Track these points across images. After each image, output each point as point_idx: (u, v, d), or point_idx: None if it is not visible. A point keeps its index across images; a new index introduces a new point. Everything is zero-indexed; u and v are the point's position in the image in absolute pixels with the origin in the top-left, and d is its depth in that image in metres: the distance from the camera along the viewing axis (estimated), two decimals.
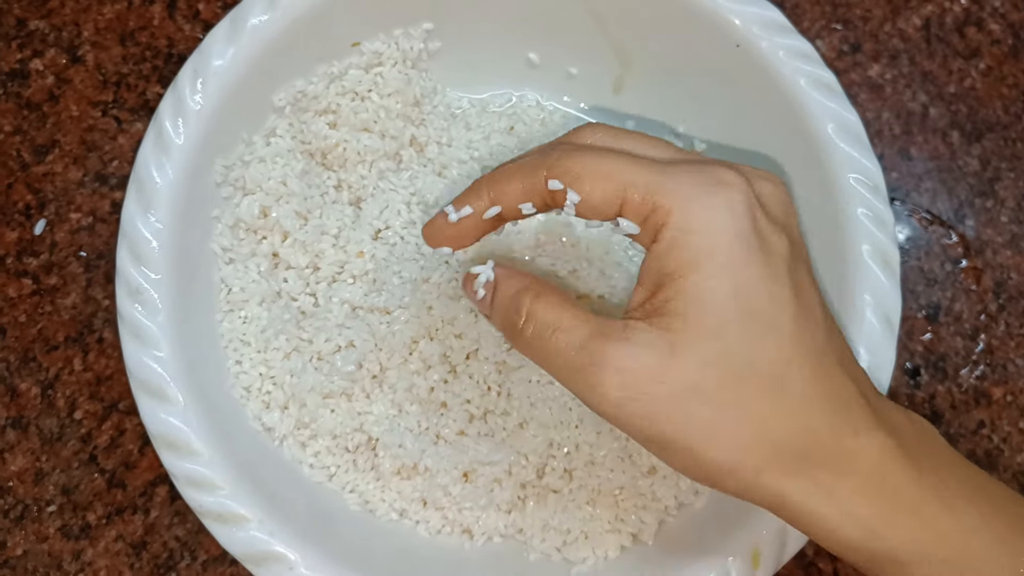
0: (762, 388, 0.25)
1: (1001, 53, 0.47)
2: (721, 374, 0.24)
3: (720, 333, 0.24)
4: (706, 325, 0.24)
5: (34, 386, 0.41)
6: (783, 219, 0.27)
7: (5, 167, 0.43)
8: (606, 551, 0.35)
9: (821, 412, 0.25)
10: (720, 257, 0.25)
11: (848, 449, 0.25)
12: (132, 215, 0.33)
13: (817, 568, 0.40)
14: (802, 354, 0.25)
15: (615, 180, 0.26)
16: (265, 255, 0.37)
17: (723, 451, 0.25)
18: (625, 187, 0.26)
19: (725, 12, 0.35)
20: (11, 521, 0.39)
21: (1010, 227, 0.44)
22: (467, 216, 0.29)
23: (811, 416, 0.25)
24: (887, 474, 0.25)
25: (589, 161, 0.26)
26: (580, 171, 0.26)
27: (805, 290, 0.26)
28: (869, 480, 0.25)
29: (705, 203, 0.25)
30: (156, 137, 0.34)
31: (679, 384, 0.24)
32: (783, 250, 0.26)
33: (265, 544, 0.31)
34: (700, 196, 0.25)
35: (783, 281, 0.25)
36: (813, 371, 0.25)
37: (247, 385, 0.35)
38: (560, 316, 0.26)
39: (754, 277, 0.25)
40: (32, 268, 0.42)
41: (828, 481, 0.25)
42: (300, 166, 0.37)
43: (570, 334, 0.26)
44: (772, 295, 0.25)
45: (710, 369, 0.24)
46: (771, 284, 0.25)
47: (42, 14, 0.45)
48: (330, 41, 0.37)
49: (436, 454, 0.35)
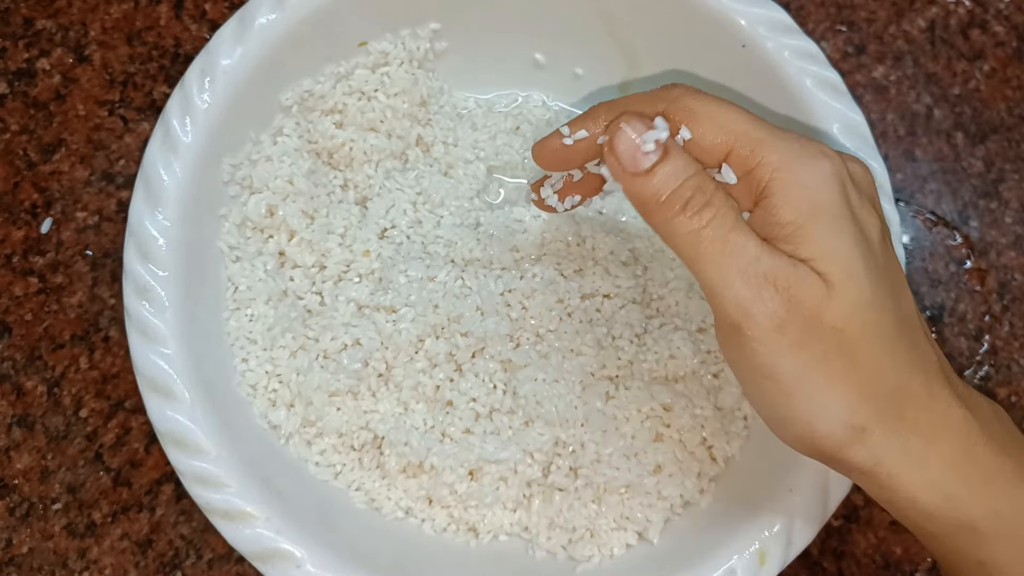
0: (876, 342, 0.25)
1: (1005, 55, 0.47)
2: (860, 322, 0.25)
3: (856, 283, 0.25)
4: (845, 272, 0.25)
5: (40, 384, 0.41)
6: (871, 198, 0.28)
7: (12, 166, 0.43)
8: (612, 549, 0.35)
9: (919, 375, 0.26)
10: (833, 212, 0.26)
11: (940, 415, 0.26)
12: (140, 213, 0.33)
13: (822, 567, 0.40)
14: (907, 317, 0.26)
15: (728, 129, 0.27)
16: (272, 253, 0.37)
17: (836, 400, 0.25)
18: (736, 137, 0.26)
19: (731, 13, 0.36)
20: (17, 519, 0.39)
21: (1014, 228, 0.44)
22: (581, 139, 0.29)
23: (912, 377, 0.26)
24: (972, 446, 0.26)
25: (709, 104, 0.27)
26: (699, 111, 0.27)
27: (896, 263, 0.28)
28: (957, 449, 0.26)
29: (810, 166, 0.26)
30: (164, 136, 0.34)
31: (830, 323, 0.25)
32: (876, 223, 0.27)
33: (271, 541, 0.31)
34: (806, 159, 0.26)
35: (887, 248, 0.27)
36: (913, 335, 0.26)
37: (253, 383, 0.35)
38: (737, 217, 0.26)
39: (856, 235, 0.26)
40: (38, 267, 0.42)
41: (919, 447, 0.26)
42: (307, 165, 0.37)
43: (747, 240, 0.25)
44: (887, 257, 0.27)
45: (854, 315, 0.25)
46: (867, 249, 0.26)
47: (49, 13, 0.45)
48: (337, 40, 0.37)
49: (442, 452, 0.35)
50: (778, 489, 0.32)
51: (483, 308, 0.37)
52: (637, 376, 0.37)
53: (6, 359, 0.41)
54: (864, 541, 0.40)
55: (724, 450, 0.36)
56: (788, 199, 0.26)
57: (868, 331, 0.25)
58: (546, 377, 0.35)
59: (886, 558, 0.40)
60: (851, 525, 0.40)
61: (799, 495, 0.32)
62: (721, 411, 0.36)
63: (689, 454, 0.35)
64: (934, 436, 0.26)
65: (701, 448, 0.36)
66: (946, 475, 0.26)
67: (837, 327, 0.25)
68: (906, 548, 0.40)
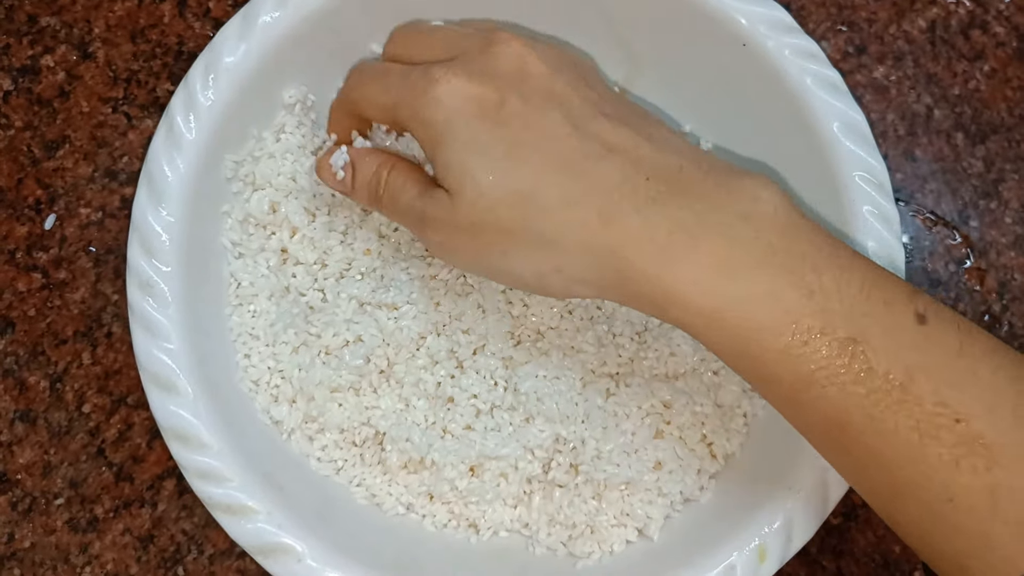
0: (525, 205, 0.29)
1: (1006, 55, 0.47)
2: (486, 206, 0.29)
3: (470, 179, 0.29)
4: (460, 178, 0.30)
5: (43, 380, 0.41)
6: (505, 71, 0.31)
7: (16, 162, 0.43)
8: (612, 545, 0.35)
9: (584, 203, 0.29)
10: (448, 135, 0.30)
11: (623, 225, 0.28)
12: (143, 209, 0.33)
13: (821, 565, 0.40)
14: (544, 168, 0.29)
15: (376, 106, 0.33)
16: (274, 250, 0.37)
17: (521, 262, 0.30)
18: (382, 111, 0.33)
19: (732, 11, 0.36)
20: (19, 514, 0.39)
21: (1014, 228, 0.45)
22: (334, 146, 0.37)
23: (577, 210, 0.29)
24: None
25: (356, 90, 0.35)
26: (356, 100, 0.34)
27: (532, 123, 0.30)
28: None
29: (422, 104, 0.31)
30: (167, 132, 0.34)
31: (464, 223, 0.30)
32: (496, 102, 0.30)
33: (273, 536, 0.31)
34: (419, 100, 0.31)
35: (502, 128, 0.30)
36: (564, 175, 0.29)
37: (256, 379, 0.35)
38: (406, 180, 0.33)
39: (477, 135, 0.30)
40: (42, 263, 0.42)
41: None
42: (309, 163, 0.37)
43: (409, 194, 0.32)
44: (497, 139, 0.30)
45: (477, 204, 0.29)
46: (491, 135, 0.30)
47: (53, 10, 0.46)
48: (340, 38, 0.38)
49: (443, 448, 0.35)
50: (778, 486, 0.33)
51: (484, 306, 0.37)
52: (637, 373, 0.37)
53: (9, 354, 0.41)
54: (863, 539, 0.41)
55: (724, 447, 0.36)
56: (422, 141, 0.31)
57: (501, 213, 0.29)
58: (547, 374, 0.36)
59: (885, 556, 0.40)
60: (850, 523, 0.41)
61: (799, 492, 0.32)
62: (721, 408, 0.36)
63: (689, 451, 0.36)
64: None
65: (701, 445, 0.36)
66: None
67: (472, 222, 0.30)
68: (905, 547, 0.40)
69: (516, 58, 0.31)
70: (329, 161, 0.34)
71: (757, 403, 0.37)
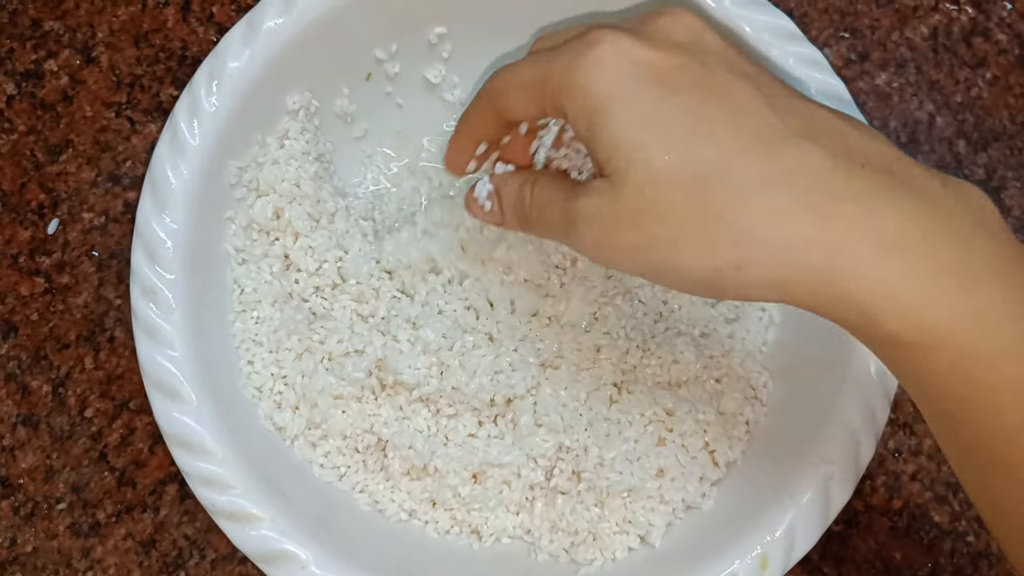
0: (708, 190, 0.24)
1: (1008, 63, 0.47)
2: (658, 193, 0.25)
3: (641, 159, 0.25)
4: (628, 158, 0.25)
5: (45, 384, 0.41)
6: (679, 40, 0.26)
7: (19, 166, 0.43)
8: (614, 552, 0.35)
9: (785, 187, 0.24)
10: (613, 104, 0.25)
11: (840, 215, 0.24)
12: (147, 215, 0.33)
13: (822, 572, 0.40)
14: (735, 146, 0.24)
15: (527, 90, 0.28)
16: (278, 256, 0.37)
17: (694, 257, 0.25)
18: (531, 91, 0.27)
19: (736, 19, 0.36)
20: (21, 518, 0.39)
21: (1016, 236, 0.45)
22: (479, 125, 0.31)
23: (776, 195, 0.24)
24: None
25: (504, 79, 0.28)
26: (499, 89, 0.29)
27: (717, 92, 0.25)
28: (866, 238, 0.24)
29: (579, 68, 0.26)
30: (171, 138, 0.34)
31: (628, 212, 0.25)
32: (674, 67, 0.25)
33: (276, 543, 0.31)
34: (574, 64, 0.26)
35: (681, 96, 0.25)
36: (758, 155, 0.24)
37: (259, 385, 0.35)
38: (552, 192, 0.29)
39: (650, 104, 0.25)
40: (45, 267, 0.42)
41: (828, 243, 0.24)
42: (313, 169, 0.37)
43: (557, 202, 0.28)
44: (675, 109, 0.25)
45: (647, 191, 0.25)
46: (668, 104, 0.25)
47: (57, 15, 0.46)
48: (344, 44, 0.38)
49: (445, 455, 0.35)
50: (780, 494, 0.33)
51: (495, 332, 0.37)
52: (640, 381, 0.37)
53: (12, 359, 0.41)
54: (864, 547, 0.41)
55: (726, 455, 0.36)
56: (577, 118, 0.26)
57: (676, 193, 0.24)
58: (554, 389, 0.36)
59: (886, 564, 0.40)
60: (851, 531, 0.41)
61: (801, 500, 0.32)
62: (723, 416, 0.36)
63: (692, 458, 0.36)
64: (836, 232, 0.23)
65: (703, 452, 0.36)
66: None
67: (638, 210, 0.25)
68: (905, 554, 0.40)
69: (692, 29, 0.27)
70: (474, 196, 0.32)
71: (759, 410, 0.37)
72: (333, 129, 0.40)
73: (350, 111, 0.40)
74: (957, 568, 0.40)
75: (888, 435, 0.42)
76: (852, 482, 0.32)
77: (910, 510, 0.41)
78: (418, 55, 0.40)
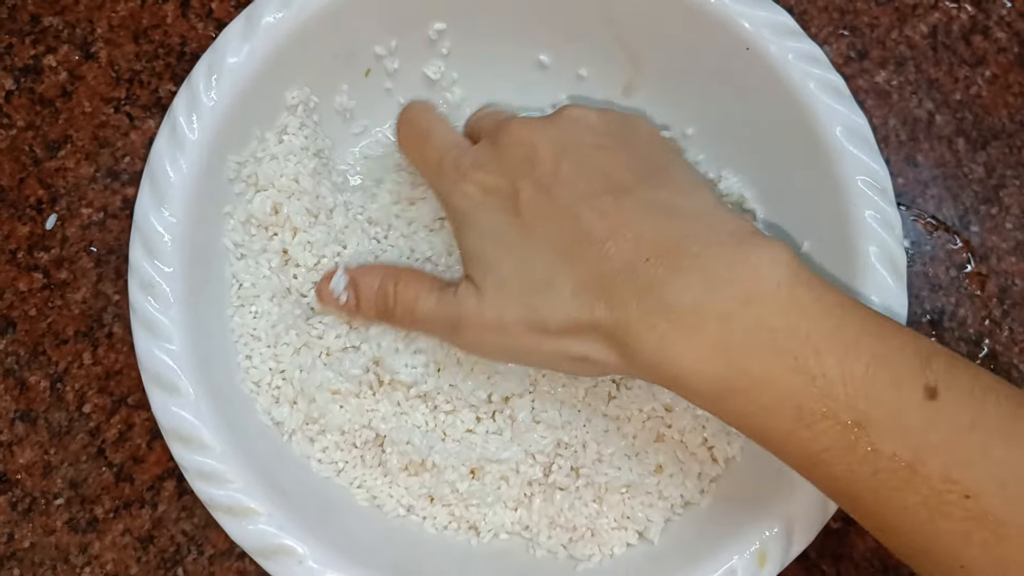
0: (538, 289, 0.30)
1: (1007, 61, 0.47)
2: (509, 297, 0.30)
3: (488, 268, 0.31)
4: (480, 263, 0.31)
5: (43, 380, 0.41)
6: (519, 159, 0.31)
7: (17, 162, 0.43)
8: (612, 548, 0.35)
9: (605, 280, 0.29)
10: (467, 223, 0.32)
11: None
12: (146, 209, 0.33)
13: (820, 570, 0.40)
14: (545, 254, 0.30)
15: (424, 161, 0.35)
16: (276, 251, 0.37)
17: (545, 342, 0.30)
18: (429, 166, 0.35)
19: (735, 15, 0.36)
20: (19, 514, 0.39)
21: (1015, 234, 0.45)
22: None
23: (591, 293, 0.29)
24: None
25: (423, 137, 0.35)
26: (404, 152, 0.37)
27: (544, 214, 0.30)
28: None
29: (449, 193, 0.32)
30: (170, 132, 0.34)
31: (490, 319, 0.31)
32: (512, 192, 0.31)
33: (274, 537, 0.31)
34: (449, 187, 0.32)
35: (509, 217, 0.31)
36: (566, 261, 0.29)
37: (257, 380, 0.35)
38: (419, 289, 0.33)
39: (488, 224, 0.31)
40: (43, 262, 0.42)
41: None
42: (312, 165, 0.37)
43: (428, 302, 0.33)
44: (505, 225, 0.31)
45: (501, 295, 0.30)
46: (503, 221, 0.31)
47: (56, 10, 0.46)
48: (343, 39, 0.38)
49: (444, 451, 0.35)
50: (778, 490, 0.33)
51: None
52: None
53: (10, 354, 0.41)
54: (862, 544, 0.41)
55: (725, 451, 0.36)
56: (451, 223, 0.33)
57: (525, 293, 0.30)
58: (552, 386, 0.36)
59: (884, 561, 0.40)
60: (850, 528, 0.41)
61: (799, 496, 0.32)
62: None
63: (690, 455, 0.36)
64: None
65: (702, 449, 0.36)
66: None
67: (498, 317, 0.30)
68: None
69: (523, 146, 0.31)
70: (329, 287, 0.35)
71: None
72: (332, 125, 0.40)
73: (349, 107, 0.40)
74: None
75: None
76: None
77: None
78: (418, 51, 0.40)
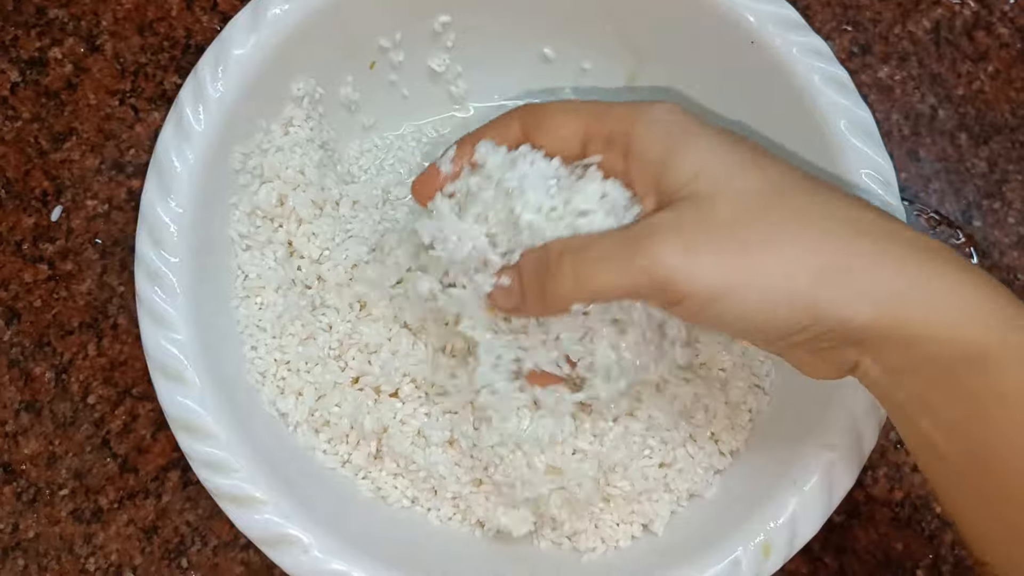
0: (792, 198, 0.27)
1: (1009, 56, 0.47)
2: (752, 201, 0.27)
3: (732, 167, 0.27)
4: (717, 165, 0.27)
5: (48, 371, 0.41)
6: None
7: (23, 154, 0.43)
8: (617, 541, 0.35)
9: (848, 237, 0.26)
10: (694, 132, 0.28)
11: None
12: (152, 200, 0.33)
13: (823, 563, 0.40)
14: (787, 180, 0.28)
15: (576, 113, 0.30)
16: (281, 242, 0.37)
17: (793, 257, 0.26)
18: (584, 117, 0.30)
19: (740, 9, 0.36)
20: (24, 504, 0.39)
21: (1017, 228, 0.45)
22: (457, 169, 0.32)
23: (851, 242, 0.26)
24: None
25: (551, 105, 0.31)
26: (544, 111, 0.31)
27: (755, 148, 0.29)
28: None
29: (652, 106, 0.29)
30: (176, 123, 0.34)
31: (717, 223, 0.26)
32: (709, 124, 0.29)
33: (280, 527, 0.31)
34: (643, 106, 0.29)
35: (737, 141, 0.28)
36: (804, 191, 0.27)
37: (262, 370, 0.35)
38: (587, 242, 0.28)
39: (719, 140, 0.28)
40: (48, 254, 0.42)
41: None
42: (317, 157, 0.38)
43: (607, 245, 0.27)
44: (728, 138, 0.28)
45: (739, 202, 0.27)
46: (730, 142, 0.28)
47: (61, 3, 0.46)
48: (349, 31, 0.38)
49: (447, 443, 0.35)
50: (782, 483, 0.33)
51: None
52: None
53: (15, 345, 0.41)
54: (865, 537, 0.41)
55: (730, 443, 0.36)
56: (647, 142, 0.28)
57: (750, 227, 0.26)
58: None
59: (887, 554, 0.40)
60: (853, 521, 0.41)
61: (804, 487, 0.32)
62: (728, 405, 0.36)
63: (699, 448, 0.36)
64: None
65: (709, 441, 0.36)
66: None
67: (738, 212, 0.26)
68: (907, 544, 0.41)
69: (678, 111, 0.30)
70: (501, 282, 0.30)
71: (762, 399, 0.37)
72: (337, 117, 0.40)
73: (354, 99, 0.40)
74: (958, 559, 0.40)
75: (889, 426, 0.42)
76: (855, 470, 0.32)
77: (911, 501, 0.41)
78: (422, 44, 0.40)
